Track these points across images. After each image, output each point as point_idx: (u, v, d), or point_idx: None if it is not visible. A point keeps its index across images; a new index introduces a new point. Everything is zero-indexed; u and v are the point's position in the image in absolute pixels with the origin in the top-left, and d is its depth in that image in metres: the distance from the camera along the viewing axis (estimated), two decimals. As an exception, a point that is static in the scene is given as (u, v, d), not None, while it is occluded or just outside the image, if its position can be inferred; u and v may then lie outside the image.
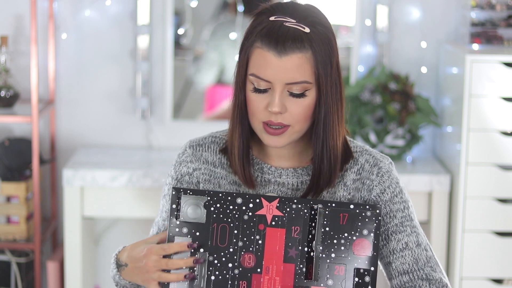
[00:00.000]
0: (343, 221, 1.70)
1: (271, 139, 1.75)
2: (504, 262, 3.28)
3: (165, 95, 3.68)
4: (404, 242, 1.82)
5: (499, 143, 3.24)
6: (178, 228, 1.69)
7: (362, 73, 3.67)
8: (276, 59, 1.70)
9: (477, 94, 3.22)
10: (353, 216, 1.71)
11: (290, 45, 1.69)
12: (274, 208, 1.68)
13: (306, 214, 1.69)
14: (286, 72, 1.70)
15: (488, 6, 3.50)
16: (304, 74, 1.71)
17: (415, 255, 1.82)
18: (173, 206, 1.70)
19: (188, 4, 3.73)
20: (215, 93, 3.82)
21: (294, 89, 1.71)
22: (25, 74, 3.60)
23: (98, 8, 3.63)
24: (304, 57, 1.70)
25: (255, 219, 1.69)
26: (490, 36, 3.47)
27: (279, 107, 1.71)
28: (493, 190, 3.26)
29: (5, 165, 3.47)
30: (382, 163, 1.85)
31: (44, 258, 3.67)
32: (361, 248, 1.71)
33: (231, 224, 1.68)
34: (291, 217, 1.69)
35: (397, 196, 1.85)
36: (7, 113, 3.38)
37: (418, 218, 3.38)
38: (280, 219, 1.68)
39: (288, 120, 1.73)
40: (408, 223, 1.84)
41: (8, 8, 3.61)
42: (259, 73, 1.72)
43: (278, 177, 1.82)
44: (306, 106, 1.73)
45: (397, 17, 3.67)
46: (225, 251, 1.68)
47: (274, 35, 1.70)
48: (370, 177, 1.83)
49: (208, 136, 1.90)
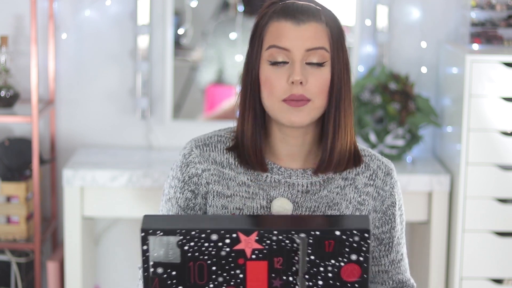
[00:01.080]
0: (329, 248, 1.59)
1: (293, 115, 1.73)
2: (504, 262, 3.28)
3: (165, 95, 3.68)
4: (401, 254, 1.89)
5: (499, 143, 3.24)
6: (153, 268, 1.58)
7: (362, 73, 3.67)
8: (295, 27, 1.73)
9: (477, 94, 3.22)
10: (339, 242, 1.59)
11: (306, 15, 1.74)
12: (253, 242, 1.57)
13: (288, 244, 1.59)
14: (305, 39, 1.72)
15: (488, 6, 3.50)
16: (322, 41, 1.74)
17: (406, 265, 1.91)
18: (144, 248, 1.57)
19: (188, 4, 3.73)
20: (215, 93, 3.82)
21: (313, 58, 1.73)
22: (25, 74, 3.60)
23: (98, 8, 3.63)
24: (321, 27, 1.74)
25: (233, 254, 1.58)
26: (490, 36, 3.47)
27: (301, 75, 1.71)
28: (493, 190, 3.26)
29: (5, 165, 3.47)
30: (393, 172, 1.89)
31: (44, 258, 3.67)
32: (350, 274, 1.62)
33: (208, 261, 1.58)
34: (272, 249, 1.58)
35: (400, 209, 1.90)
36: (7, 113, 3.38)
37: (418, 218, 3.40)
38: (261, 252, 1.59)
39: (309, 92, 1.72)
40: (403, 235, 1.91)
41: (8, 8, 3.61)
42: (278, 42, 1.73)
43: (288, 177, 1.81)
44: (325, 79, 1.74)
45: (397, 17, 3.67)
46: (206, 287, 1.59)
47: (289, 9, 1.75)
48: (384, 188, 1.86)
49: (213, 135, 1.87)
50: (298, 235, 1.58)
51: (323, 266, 1.60)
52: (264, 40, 1.75)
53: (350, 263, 1.60)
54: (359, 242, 1.59)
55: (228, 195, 1.82)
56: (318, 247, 1.58)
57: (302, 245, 1.57)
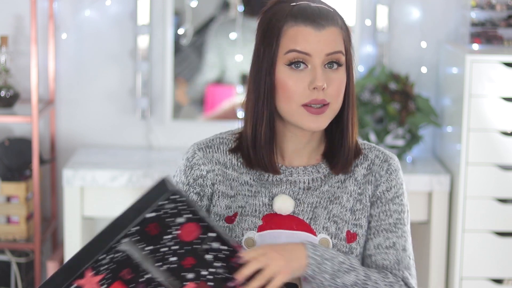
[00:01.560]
0: (155, 231, 1.55)
1: (313, 121, 1.75)
2: (504, 262, 3.28)
3: (165, 95, 3.68)
4: (392, 242, 1.83)
5: (499, 143, 3.24)
6: None
7: (362, 73, 3.67)
8: (316, 32, 1.73)
9: (477, 94, 3.22)
10: (158, 219, 1.55)
11: (325, 19, 1.75)
12: (92, 277, 1.52)
13: (119, 256, 1.53)
14: (326, 44, 1.74)
15: (488, 6, 3.50)
16: (339, 45, 1.76)
17: (399, 257, 1.82)
18: None
19: (188, 4, 3.73)
20: (215, 93, 3.82)
21: (332, 61, 1.75)
22: (25, 74, 3.60)
23: (98, 8, 3.63)
24: (338, 31, 1.76)
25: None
26: (490, 36, 3.47)
27: (323, 81, 1.73)
28: (493, 190, 3.25)
29: (5, 165, 3.47)
30: (392, 160, 1.86)
31: (44, 258, 3.67)
32: (189, 233, 1.59)
33: None
34: (113, 268, 1.54)
35: (399, 197, 1.85)
36: (7, 113, 3.38)
37: (418, 218, 3.39)
38: (105, 279, 1.54)
39: (329, 96, 1.74)
40: (401, 226, 1.84)
41: (8, 8, 3.61)
42: (298, 47, 1.73)
43: (290, 175, 1.82)
44: (342, 81, 1.76)
45: (397, 17, 3.67)
46: None
47: (307, 13, 1.75)
48: (380, 172, 1.84)
49: (215, 137, 1.87)
50: (119, 243, 1.53)
51: (163, 246, 1.57)
52: (282, 43, 1.74)
53: (182, 226, 1.57)
54: (175, 207, 1.55)
55: (231, 195, 1.83)
56: (145, 238, 1.55)
57: (129, 248, 1.54)
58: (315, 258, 1.70)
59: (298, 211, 1.80)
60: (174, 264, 1.59)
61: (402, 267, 1.81)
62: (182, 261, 1.59)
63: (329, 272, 1.71)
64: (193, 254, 1.60)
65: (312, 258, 1.70)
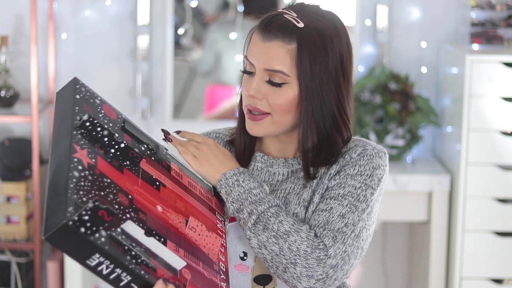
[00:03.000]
0: (90, 110, 1.69)
1: (250, 126, 1.78)
2: (504, 262, 3.28)
3: (165, 95, 3.68)
4: (331, 206, 1.72)
5: (499, 143, 3.24)
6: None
7: (362, 73, 3.67)
8: (261, 43, 1.73)
9: (477, 94, 3.22)
10: (84, 100, 1.72)
11: (275, 32, 1.72)
12: (84, 154, 1.61)
13: (83, 135, 1.65)
14: (266, 57, 1.73)
15: (488, 6, 3.50)
16: (282, 64, 1.72)
17: (330, 219, 1.71)
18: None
19: (188, 4, 3.73)
20: (215, 93, 3.82)
21: (272, 77, 1.73)
22: (25, 74, 3.60)
23: (98, 8, 3.63)
24: (286, 48, 1.72)
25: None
26: (490, 36, 3.47)
27: (254, 90, 1.74)
28: (493, 190, 3.26)
29: (5, 165, 3.47)
30: (370, 147, 1.80)
31: (44, 258, 3.67)
32: (110, 112, 1.73)
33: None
34: (88, 144, 1.64)
35: (362, 176, 1.76)
36: (7, 113, 3.38)
37: (418, 218, 3.39)
38: (89, 153, 1.64)
39: (266, 107, 1.75)
40: (350, 199, 1.73)
41: (8, 8, 3.61)
42: (248, 54, 1.77)
43: (270, 166, 1.84)
44: (286, 99, 1.73)
45: (397, 17, 3.67)
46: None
47: (267, 21, 1.74)
48: (351, 155, 1.79)
49: (212, 132, 1.94)
50: (77, 121, 1.66)
51: (104, 125, 1.68)
52: (246, 47, 1.79)
53: (102, 106, 1.73)
54: (87, 90, 1.76)
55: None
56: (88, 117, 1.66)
57: (87, 126, 1.65)
58: (228, 180, 1.75)
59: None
60: (121, 143, 1.68)
61: (328, 227, 1.70)
62: (123, 137, 1.70)
63: (233, 195, 1.74)
64: (125, 132, 1.72)
65: (225, 178, 1.75)
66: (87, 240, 1.47)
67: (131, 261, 1.53)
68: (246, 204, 1.72)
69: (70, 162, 1.56)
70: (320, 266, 1.66)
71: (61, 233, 1.45)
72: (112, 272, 1.52)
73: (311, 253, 1.66)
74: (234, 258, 1.78)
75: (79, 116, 1.67)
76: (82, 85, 1.76)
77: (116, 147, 1.68)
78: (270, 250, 1.68)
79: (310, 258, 1.66)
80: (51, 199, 1.51)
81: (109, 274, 1.52)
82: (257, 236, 1.69)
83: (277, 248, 1.67)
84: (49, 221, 1.46)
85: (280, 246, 1.67)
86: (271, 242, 1.68)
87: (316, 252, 1.66)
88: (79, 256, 1.49)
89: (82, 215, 1.46)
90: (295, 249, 1.67)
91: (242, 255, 1.77)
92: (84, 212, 1.46)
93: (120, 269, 1.52)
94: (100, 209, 1.48)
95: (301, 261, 1.66)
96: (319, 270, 1.66)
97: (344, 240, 1.69)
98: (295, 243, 1.67)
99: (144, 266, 1.54)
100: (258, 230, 1.69)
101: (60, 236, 1.46)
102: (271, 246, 1.68)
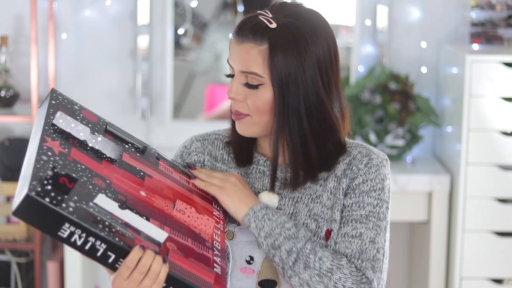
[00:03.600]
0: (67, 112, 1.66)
1: (237, 126, 1.79)
2: (504, 262, 3.28)
3: (165, 95, 3.68)
4: (360, 232, 1.75)
5: (499, 143, 3.24)
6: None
7: (362, 73, 3.67)
8: (236, 45, 1.75)
9: (477, 94, 3.22)
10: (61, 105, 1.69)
11: (246, 34, 1.73)
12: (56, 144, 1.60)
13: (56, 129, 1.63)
14: (240, 59, 1.74)
15: (488, 6, 3.50)
16: (255, 66, 1.72)
17: (364, 247, 1.74)
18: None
19: (188, 4, 3.73)
20: (215, 93, 3.82)
21: (249, 79, 1.74)
22: (25, 74, 3.60)
23: (98, 8, 3.63)
24: (257, 49, 1.72)
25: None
26: (490, 36, 3.47)
27: (233, 93, 1.75)
28: (493, 190, 3.26)
29: (5, 165, 3.47)
30: (375, 156, 1.80)
31: (44, 258, 3.67)
32: (90, 116, 1.71)
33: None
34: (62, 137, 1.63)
35: (376, 191, 1.78)
36: (7, 113, 3.38)
37: (418, 218, 3.39)
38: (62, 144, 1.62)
39: (245, 109, 1.76)
40: (373, 220, 1.76)
41: (8, 8, 3.61)
42: (228, 57, 1.79)
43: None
44: (263, 100, 1.74)
45: (397, 17, 3.67)
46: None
47: (241, 24, 1.76)
48: (358, 166, 1.79)
49: (212, 133, 1.93)
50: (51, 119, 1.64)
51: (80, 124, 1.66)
52: (229, 51, 1.81)
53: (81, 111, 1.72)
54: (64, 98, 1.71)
55: None
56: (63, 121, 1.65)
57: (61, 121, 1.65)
58: (256, 214, 1.72)
59: (280, 205, 1.81)
60: (99, 136, 1.67)
61: (364, 257, 1.74)
62: (104, 136, 1.69)
63: (265, 230, 1.71)
64: (108, 132, 1.71)
65: (253, 211, 1.73)
66: (53, 210, 1.46)
67: (104, 229, 1.50)
68: (281, 239, 1.71)
69: (39, 149, 1.55)
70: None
71: (27, 206, 1.45)
72: (86, 242, 1.50)
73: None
74: (240, 261, 1.77)
75: (52, 116, 1.65)
76: (59, 94, 1.73)
77: (94, 141, 1.65)
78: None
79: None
80: (19, 183, 1.51)
81: (83, 245, 1.50)
82: (299, 275, 1.70)
83: (322, 286, 1.70)
84: (16, 198, 1.46)
85: (325, 284, 1.71)
86: (315, 281, 1.70)
87: (361, 286, 1.72)
88: (50, 228, 1.48)
89: (45, 185, 1.46)
90: (341, 286, 1.70)
91: (248, 259, 1.77)
92: (46, 181, 1.46)
93: (93, 237, 1.49)
94: (60, 176, 1.48)
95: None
96: None
97: (381, 268, 1.75)
98: (340, 280, 1.71)
99: (119, 235, 1.52)
100: (299, 269, 1.70)
101: (26, 209, 1.45)
102: (316, 285, 1.70)
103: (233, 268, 1.77)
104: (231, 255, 1.77)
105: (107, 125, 1.72)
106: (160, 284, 1.56)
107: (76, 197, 1.49)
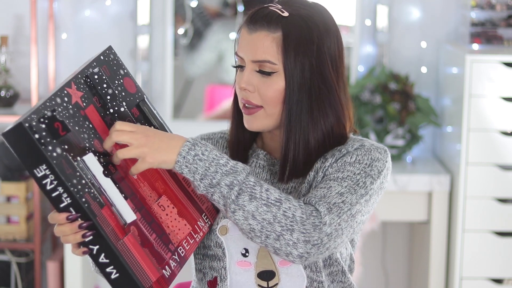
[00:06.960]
0: (108, 72, 1.67)
1: (246, 121, 1.79)
2: (504, 262, 3.28)
3: (165, 95, 3.68)
4: (329, 185, 1.70)
5: (499, 143, 3.24)
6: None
7: (362, 73, 3.67)
8: (248, 35, 1.75)
9: (477, 94, 3.22)
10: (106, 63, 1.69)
11: (260, 22, 1.73)
12: (78, 95, 1.60)
13: (89, 82, 1.63)
14: (253, 48, 1.74)
15: (488, 6, 3.50)
16: (268, 54, 1.73)
17: (328, 194, 1.67)
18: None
19: (188, 4, 3.73)
20: (215, 93, 3.82)
21: (262, 67, 1.74)
22: (25, 74, 3.60)
23: (98, 8, 3.63)
24: (271, 37, 1.73)
25: (75, 109, 1.60)
26: (490, 36, 3.47)
27: (246, 83, 1.75)
28: (493, 190, 3.26)
29: (5, 165, 3.47)
30: (368, 143, 1.79)
31: (44, 258, 3.67)
32: (130, 86, 1.71)
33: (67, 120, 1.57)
34: (88, 91, 1.63)
35: (361, 164, 1.74)
36: (7, 113, 3.38)
37: (418, 218, 3.39)
38: (84, 97, 1.61)
39: (258, 100, 1.75)
40: (350, 183, 1.70)
41: (8, 8, 3.61)
42: (237, 49, 1.78)
43: (272, 165, 1.85)
44: (276, 89, 1.74)
45: (397, 17, 3.67)
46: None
47: (252, 13, 1.76)
48: (348, 149, 1.77)
49: (218, 132, 1.96)
50: (88, 71, 1.65)
51: (116, 89, 1.67)
52: (236, 45, 1.80)
53: (124, 78, 1.70)
54: (114, 58, 1.71)
55: None
56: (102, 77, 1.65)
57: (97, 76, 1.65)
58: (186, 158, 1.62)
59: None
60: (122, 107, 1.67)
61: (323, 200, 1.66)
62: (131, 109, 1.70)
63: (199, 172, 1.62)
64: (138, 108, 1.71)
65: (182, 157, 1.62)
66: (37, 148, 1.48)
67: (77, 185, 1.51)
68: (218, 177, 1.62)
69: (58, 91, 1.56)
70: (316, 232, 1.62)
71: (16, 133, 1.48)
72: (55, 190, 1.51)
73: (307, 219, 1.62)
74: (236, 255, 1.77)
75: (92, 69, 1.65)
76: (112, 53, 1.71)
77: (116, 108, 1.65)
78: (261, 219, 1.61)
79: (307, 223, 1.62)
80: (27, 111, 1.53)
81: (51, 191, 1.51)
82: (243, 208, 1.61)
83: (270, 216, 1.61)
84: (13, 123, 1.49)
85: (273, 213, 1.61)
86: (262, 211, 1.61)
87: (311, 218, 1.62)
88: (28, 162, 1.50)
89: (40, 122, 1.48)
90: (291, 215, 1.62)
91: (243, 252, 1.77)
92: (42, 119, 1.49)
93: (62, 188, 1.50)
94: (56, 121, 1.51)
95: (298, 227, 1.61)
96: (315, 235, 1.62)
97: (340, 214, 1.66)
98: (289, 209, 1.62)
99: (89, 197, 1.52)
100: (244, 201, 1.62)
101: (15, 135, 1.48)
102: (263, 215, 1.61)
103: (230, 263, 1.77)
104: (226, 250, 1.77)
105: (142, 100, 1.72)
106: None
107: (66, 146, 1.51)
